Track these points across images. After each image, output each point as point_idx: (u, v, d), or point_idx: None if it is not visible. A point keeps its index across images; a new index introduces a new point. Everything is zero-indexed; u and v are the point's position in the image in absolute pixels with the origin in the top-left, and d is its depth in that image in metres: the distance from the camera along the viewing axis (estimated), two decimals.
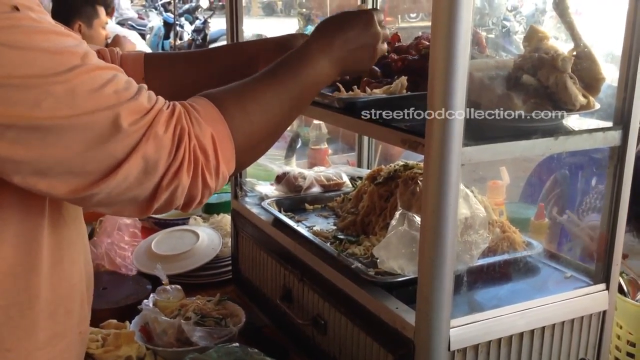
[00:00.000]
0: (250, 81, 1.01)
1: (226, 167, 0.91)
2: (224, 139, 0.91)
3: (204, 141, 0.88)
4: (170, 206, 0.89)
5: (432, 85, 0.98)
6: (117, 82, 0.83)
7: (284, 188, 1.85)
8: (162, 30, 10.51)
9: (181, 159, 0.85)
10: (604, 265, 1.27)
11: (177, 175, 0.85)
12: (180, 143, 0.85)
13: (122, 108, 0.81)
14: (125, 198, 0.85)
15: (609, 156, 1.22)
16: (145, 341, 1.54)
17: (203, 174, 0.88)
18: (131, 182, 0.83)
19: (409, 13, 7.83)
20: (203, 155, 0.88)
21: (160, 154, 0.83)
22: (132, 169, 0.82)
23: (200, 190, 0.89)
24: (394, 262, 1.24)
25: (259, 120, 0.97)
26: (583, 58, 1.18)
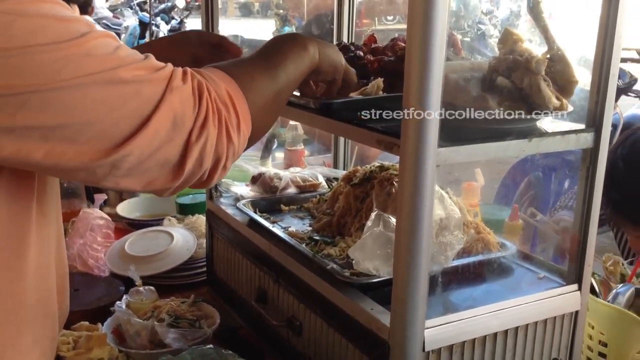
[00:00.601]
0: (250, 58, 1.04)
1: (245, 125, 0.91)
2: (238, 96, 0.91)
3: (222, 94, 0.88)
4: (200, 168, 0.87)
5: (408, 86, 0.98)
6: (125, 47, 0.83)
7: (260, 189, 1.84)
8: (137, 30, 10.42)
9: (205, 110, 0.84)
10: (576, 266, 1.29)
11: (205, 127, 0.84)
12: (202, 95, 0.85)
13: (140, 64, 0.81)
14: (156, 161, 0.83)
15: (582, 158, 1.24)
16: (118, 343, 1.52)
17: (227, 127, 0.87)
18: (162, 139, 0.81)
19: (385, 15, 7.87)
20: (225, 108, 0.87)
21: (185, 105, 0.83)
22: (161, 123, 0.81)
23: (225, 146, 0.88)
24: (369, 263, 1.24)
25: (265, 87, 0.98)
26: (556, 61, 1.19)
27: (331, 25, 2.08)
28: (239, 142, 0.90)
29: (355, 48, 1.61)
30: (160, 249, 1.93)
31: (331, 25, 2.08)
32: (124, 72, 0.79)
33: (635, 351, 1.39)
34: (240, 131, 0.90)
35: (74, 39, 0.76)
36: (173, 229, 2.04)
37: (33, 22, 0.74)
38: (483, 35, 4.58)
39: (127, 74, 0.79)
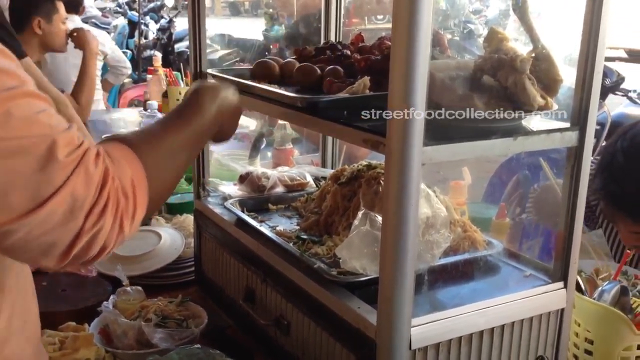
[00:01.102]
0: (155, 127, 1.06)
1: (140, 212, 0.89)
2: (142, 182, 0.89)
3: (125, 183, 0.85)
4: (86, 254, 0.83)
5: (393, 85, 0.99)
6: (50, 113, 0.80)
7: (247, 188, 1.84)
8: (126, 29, 10.36)
9: (106, 199, 0.81)
10: (562, 263, 1.30)
11: (102, 217, 0.81)
12: (105, 183, 0.82)
13: (57, 137, 0.77)
14: (44, 242, 0.79)
15: (567, 156, 1.24)
16: (105, 344, 1.51)
17: (122, 218, 0.85)
18: (56, 221, 0.77)
19: (375, 15, 7.88)
20: (124, 198, 0.85)
21: (89, 191, 0.79)
22: (59, 205, 0.77)
23: (115, 236, 0.85)
24: (356, 262, 1.24)
25: (167, 164, 0.98)
26: (541, 60, 1.20)
27: (319, 24, 2.08)
28: (130, 231, 0.88)
29: (343, 47, 1.61)
30: (148, 249, 1.92)
31: (319, 24, 2.08)
32: (37, 143, 0.75)
33: (621, 348, 1.40)
34: (134, 220, 0.88)
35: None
36: (161, 229, 2.03)
37: None
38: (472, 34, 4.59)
39: (38, 148, 0.75)
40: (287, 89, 1.47)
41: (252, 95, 1.52)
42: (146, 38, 10.11)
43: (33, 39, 3.44)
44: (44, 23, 3.41)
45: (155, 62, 4.34)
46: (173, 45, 9.88)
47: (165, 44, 9.98)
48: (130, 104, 5.27)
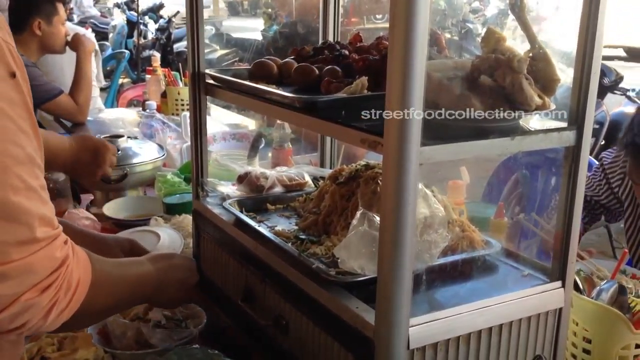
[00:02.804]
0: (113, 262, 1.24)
1: (68, 314, 0.95)
2: (83, 290, 0.96)
3: (74, 279, 0.93)
4: (9, 324, 0.88)
5: (390, 86, 0.99)
6: (36, 190, 0.89)
7: (246, 188, 1.84)
8: (125, 29, 10.36)
9: (52, 281, 0.88)
10: (560, 263, 1.30)
11: (44, 293, 0.88)
12: (60, 267, 0.89)
13: (37, 212, 0.88)
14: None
15: (564, 156, 1.24)
16: (104, 344, 1.51)
17: (52, 307, 0.90)
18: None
19: (374, 14, 7.88)
20: (65, 290, 0.91)
21: (46, 270, 0.88)
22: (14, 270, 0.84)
23: (37, 321, 0.90)
24: (355, 261, 1.24)
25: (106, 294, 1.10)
26: (539, 59, 1.20)
27: (317, 24, 2.08)
28: (51, 324, 0.93)
29: (341, 47, 1.62)
30: (148, 249, 1.91)
31: (317, 24, 2.08)
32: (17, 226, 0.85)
33: (619, 347, 1.40)
34: (60, 316, 0.93)
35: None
36: (160, 229, 2.03)
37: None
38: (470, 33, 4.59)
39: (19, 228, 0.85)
40: (285, 89, 1.47)
41: (250, 96, 1.52)
42: (145, 38, 10.12)
43: (32, 40, 3.45)
44: (44, 24, 3.42)
45: (154, 62, 4.34)
46: (172, 45, 9.89)
47: (164, 44, 9.99)
48: (129, 104, 5.27)
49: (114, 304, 1.19)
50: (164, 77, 4.07)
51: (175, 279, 1.43)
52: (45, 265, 0.87)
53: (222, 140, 3.13)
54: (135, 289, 1.28)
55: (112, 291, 1.14)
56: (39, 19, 3.40)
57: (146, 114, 3.78)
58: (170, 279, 1.41)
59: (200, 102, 1.75)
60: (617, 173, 2.33)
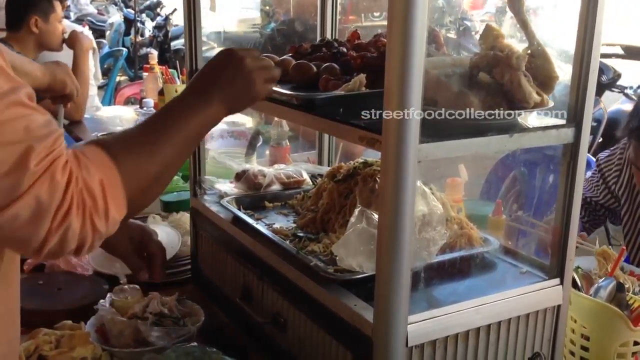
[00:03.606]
0: (140, 127, 1.04)
1: (117, 212, 0.92)
2: (114, 184, 0.92)
3: (92, 185, 0.88)
4: (63, 250, 0.87)
5: (388, 83, 0.99)
6: (32, 119, 0.83)
7: (244, 186, 1.84)
8: (122, 27, 10.33)
9: (70, 201, 0.85)
10: (558, 260, 1.30)
11: (67, 218, 0.85)
12: (68, 186, 0.85)
13: (33, 144, 0.82)
14: (16, 237, 0.85)
15: (562, 153, 1.24)
16: (102, 342, 1.51)
17: (92, 218, 0.88)
18: (22, 222, 0.82)
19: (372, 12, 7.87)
20: (90, 199, 0.88)
21: (54, 197, 0.84)
22: (23, 209, 0.82)
23: (90, 234, 0.88)
24: (353, 259, 1.24)
25: (149, 165, 0.99)
26: (537, 56, 1.20)
27: (315, 21, 2.08)
28: (106, 228, 0.91)
29: (339, 44, 1.61)
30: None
31: (315, 21, 2.08)
32: (8, 151, 0.80)
33: (617, 344, 1.41)
34: (109, 218, 0.91)
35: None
36: (157, 227, 2.02)
37: None
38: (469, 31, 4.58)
39: (8, 155, 0.80)
40: (283, 86, 1.46)
41: None
42: (142, 36, 10.09)
43: (29, 37, 3.44)
44: (40, 22, 3.41)
45: (151, 60, 4.33)
46: (169, 42, 9.86)
47: (161, 41, 9.97)
48: (126, 101, 5.26)
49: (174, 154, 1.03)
50: (162, 74, 4.06)
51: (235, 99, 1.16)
52: (49, 195, 0.83)
53: (219, 138, 3.12)
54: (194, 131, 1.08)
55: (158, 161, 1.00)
56: (35, 17, 3.39)
57: (143, 111, 3.77)
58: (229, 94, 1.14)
59: None
60: (613, 170, 2.34)
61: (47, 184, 0.83)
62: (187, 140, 1.06)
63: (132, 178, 0.94)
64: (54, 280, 1.83)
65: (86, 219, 0.87)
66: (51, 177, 0.83)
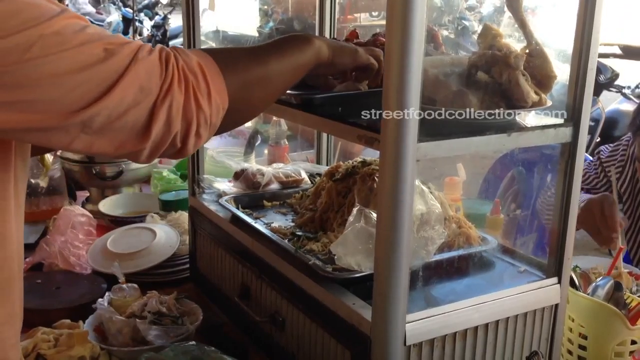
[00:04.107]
0: (244, 48, 1.08)
1: (218, 95, 0.93)
2: (212, 68, 0.94)
3: (192, 64, 0.91)
4: (169, 132, 0.89)
5: (387, 82, 0.99)
6: (94, 27, 0.87)
7: (242, 185, 1.84)
8: (120, 26, 10.34)
9: (171, 76, 0.88)
10: (556, 259, 1.30)
11: (170, 91, 0.88)
12: (168, 63, 0.88)
13: (108, 39, 0.86)
14: (125, 122, 0.86)
15: (560, 152, 1.25)
16: (100, 341, 1.51)
17: (195, 93, 0.90)
18: (129, 103, 0.85)
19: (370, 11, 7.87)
20: (192, 75, 0.90)
21: (151, 74, 0.87)
22: (127, 90, 0.84)
23: (194, 111, 0.90)
24: (351, 258, 1.24)
25: (248, 68, 1.01)
26: (535, 55, 1.20)
27: (313, 20, 2.08)
28: (210, 110, 0.92)
29: None
30: (143, 246, 1.92)
31: (313, 20, 2.08)
32: (91, 48, 0.83)
33: (615, 343, 1.41)
34: (211, 99, 0.92)
35: (44, 21, 0.80)
36: (156, 226, 2.03)
37: (6, 6, 0.79)
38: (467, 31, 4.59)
39: (93, 49, 0.83)
40: None
41: None
42: (140, 35, 10.10)
43: None
44: None
45: None
46: (167, 41, 9.86)
47: (159, 40, 9.97)
48: None
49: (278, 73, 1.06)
50: None
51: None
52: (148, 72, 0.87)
53: (218, 136, 3.12)
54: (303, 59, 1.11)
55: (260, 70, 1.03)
56: None
57: None
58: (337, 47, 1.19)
59: None
60: (615, 167, 2.33)
61: (141, 65, 0.86)
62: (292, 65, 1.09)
63: (229, 70, 0.96)
64: (52, 279, 1.83)
65: (189, 94, 0.89)
66: (142, 58, 0.86)
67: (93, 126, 0.85)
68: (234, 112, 0.98)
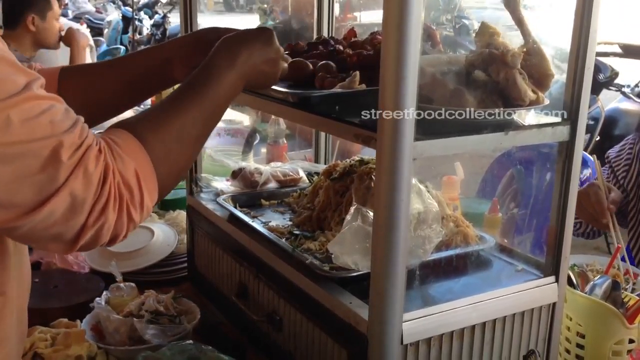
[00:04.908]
0: (164, 106, 1.00)
1: (150, 199, 0.90)
2: (147, 171, 0.90)
3: (128, 176, 0.87)
4: (96, 243, 0.87)
5: (384, 80, 0.99)
6: (54, 112, 0.81)
7: (240, 184, 1.84)
8: (120, 25, 10.32)
9: (107, 196, 0.83)
10: (554, 258, 1.30)
11: (104, 213, 0.84)
12: (106, 180, 0.83)
13: (61, 138, 0.79)
14: (50, 234, 0.83)
15: (558, 151, 1.24)
16: (97, 340, 1.51)
17: (128, 210, 0.87)
18: (57, 219, 0.81)
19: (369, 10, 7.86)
20: (128, 191, 0.87)
21: (89, 191, 0.82)
22: (59, 205, 0.80)
23: (125, 225, 0.87)
24: (348, 257, 1.24)
25: (177, 146, 0.96)
26: (533, 54, 1.20)
27: (312, 19, 2.08)
28: (141, 217, 0.90)
29: (335, 42, 1.61)
30: (141, 245, 1.91)
31: (312, 19, 2.08)
32: (37, 148, 0.78)
33: (613, 342, 1.41)
34: (144, 207, 0.90)
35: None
36: (154, 225, 2.02)
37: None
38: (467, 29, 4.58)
39: (38, 152, 0.78)
40: (280, 84, 1.46)
41: (244, 91, 1.51)
42: (140, 34, 10.09)
43: (26, 35, 3.43)
44: (37, 20, 3.40)
45: None
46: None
47: (159, 39, 9.96)
48: None
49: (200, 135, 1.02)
50: None
51: (252, 73, 1.12)
52: (84, 190, 0.81)
53: (216, 136, 3.12)
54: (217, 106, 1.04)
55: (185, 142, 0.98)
56: (33, 15, 3.39)
57: (141, 109, 3.76)
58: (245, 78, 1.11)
59: None
60: (622, 165, 2.33)
61: (81, 177, 0.80)
62: (210, 114, 1.03)
63: (162, 162, 0.92)
64: (49, 278, 1.83)
65: (123, 212, 0.86)
66: (85, 169, 0.81)
67: (14, 234, 0.83)
68: (162, 195, 0.96)
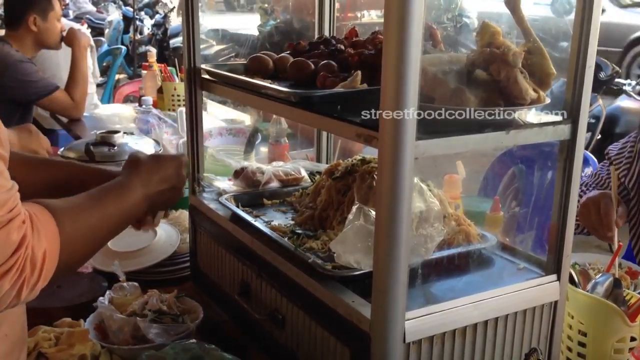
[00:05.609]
0: (85, 204, 1.08)
1: (41, 285, 0.94)
2: (53, 257, 0.94)
3: (37, 255, 0.90)
4: None
5: (385, 80, 0.99)
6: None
7: (242, 183, 1.84)
8: (121, 25, 10.33)
9: (11, 264, 0.86)
10: (555, 256, 1.30)
11: (3, 278, 0.86)
12: (19, 249, 0.87)
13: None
14: None
15: (559, 150, 1.25)
16: (101, 339, 1.51)
17: (22, 286, 0.89)
18: None
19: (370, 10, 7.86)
20: (30, 269, 0.90)
21: (4, 252, 0.86)
22: None
23: (10, 299, 0.90)
24: (350, 256, 1.24)
25: (84, 242, 1.03)
26: (534, 53, 1.20)
27: (313, 19, 2.08)
28: (26, 298, 0.93)
29: (336, 42, 1.62)
30: (144, 245, 1.92)
31: (313, 19, 2.08)
32: None
33: (615, 340, 1.41)
34: (33, 290, 0.93)
35: None
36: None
37: None
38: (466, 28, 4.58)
39: None
40: (281, 83, 1.47)
41: (246, 91, 1.52)
42: (141, 34, 10.10)
43: (28, 35, 3.44)
44: (39, 20, 3.41)
45: (150, 58, 4.33)
46: (168, 40, 9.87)
47: (160, 39, 9.97)
48: (125, 99, 5.26)
49: (100, 242, 1.13)
50: (160, 72, 4.06)
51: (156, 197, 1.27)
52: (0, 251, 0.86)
53: (218, 135, 3.13)
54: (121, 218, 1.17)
55: (92, 238, 1.07)
56: (34, 15, 3.39)
57: (142, 109, 3.77)
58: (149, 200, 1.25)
59: (196, 98, 1.76)
60: (624, 163, 2.33)
61: (2, 239, 0.85)
62: (116, 221, 1.15)
63: (69, 251, 0.98)
64: (53, 277, 1.83)
65: (16, 285, 0.89)
66: (6, 235, 0.85)
67: None
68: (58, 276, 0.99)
